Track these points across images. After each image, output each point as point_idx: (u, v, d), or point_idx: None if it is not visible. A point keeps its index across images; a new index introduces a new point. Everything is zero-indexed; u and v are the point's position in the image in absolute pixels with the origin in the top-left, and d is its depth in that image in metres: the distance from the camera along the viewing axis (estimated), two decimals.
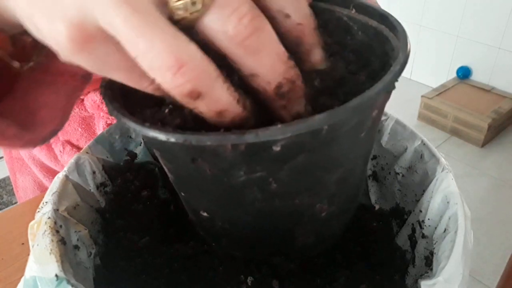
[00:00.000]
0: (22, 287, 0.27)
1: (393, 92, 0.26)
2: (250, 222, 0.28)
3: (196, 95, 0.19)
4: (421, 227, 0.32)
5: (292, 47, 0.22)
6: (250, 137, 0.19)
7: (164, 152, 0.26)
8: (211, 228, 0.30)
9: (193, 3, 0.18)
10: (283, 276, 0.32)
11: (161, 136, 0.20)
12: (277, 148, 0.22)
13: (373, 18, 0.28)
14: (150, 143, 0.27)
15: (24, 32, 0.26)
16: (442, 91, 2.22)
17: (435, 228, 0.30)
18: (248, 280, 0.31)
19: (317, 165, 0.25)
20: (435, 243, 0.29)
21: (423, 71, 2.51)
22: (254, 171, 0.23)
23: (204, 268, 0.33)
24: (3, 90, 0.31)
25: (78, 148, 0.62)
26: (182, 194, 0.30)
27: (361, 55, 0.27)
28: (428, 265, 0.29)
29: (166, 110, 0.24)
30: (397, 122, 0.38)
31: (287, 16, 0.21)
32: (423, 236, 0.32)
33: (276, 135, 0.20)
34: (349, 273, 0.32)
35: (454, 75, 2.36)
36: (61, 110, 0.34)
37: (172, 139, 0.20)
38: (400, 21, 0.27)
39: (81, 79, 0.34)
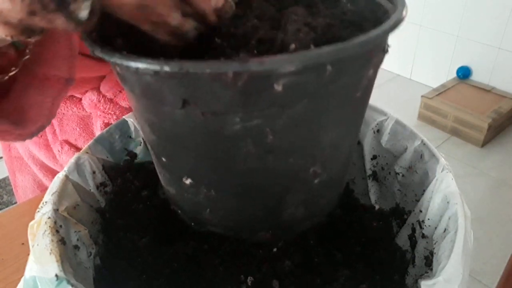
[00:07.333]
0: (22, 287, 0.27)
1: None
2: (239, 186, 0.27)
3: None
4: (421, 227, 0.32)
5: None
6: (254, 64, 0.18)
7: (150, 98, 0.24)
8: (194, 198, 0.28)
9: None
10: (283, 276, 0.32)
11: (153, 66, 0.19)
12: (278, 87, 0.20)
13: None
14: (134, 89, 0.24)
15: (10, 46, 0.30)
16: (442, 91, 2.21)
17: (435, 228, 0.30)
18: (248, 280, 0.31)
19: (315, 118, 0.24)
20: (435, 243, 0.29)
21: (423, 71, 2.51)
22: (251, 117, 0.22)
23: (204, 268, 0.33)
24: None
25: (76, 148, 0.62)
26: (164, 159, 0.28)
27: (353, 21, 0.27)
28: (428, 265, 0.29)
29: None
30: (397, 122, 0.38)
31: None
32: (423, 236, 0.32)
33: (282, 63, 0.19)
34: (349, 273, 0.32)
35: (454, 75, 2.36)
36: (47, 109, 0.40)
37: (166, 68, 0.19)
38: None
39: (64, 82, 0.40)
